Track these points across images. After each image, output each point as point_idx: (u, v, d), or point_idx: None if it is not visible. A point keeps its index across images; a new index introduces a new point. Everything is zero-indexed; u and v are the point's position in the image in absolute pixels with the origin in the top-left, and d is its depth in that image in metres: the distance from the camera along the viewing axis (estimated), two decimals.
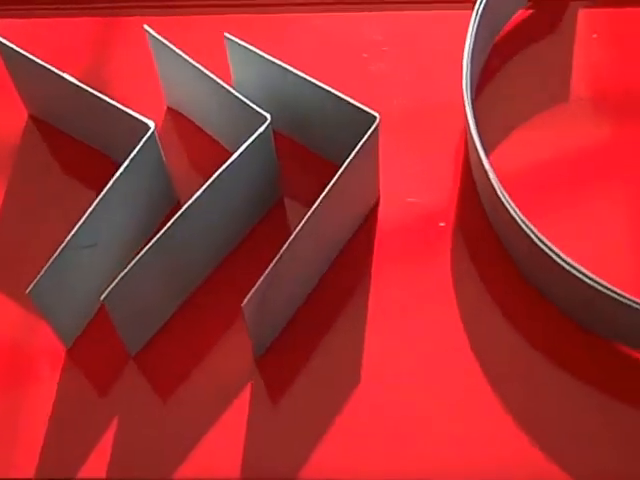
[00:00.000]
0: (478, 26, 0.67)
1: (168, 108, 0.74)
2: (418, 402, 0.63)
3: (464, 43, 0.67)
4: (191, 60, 0.64)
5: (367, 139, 0.61)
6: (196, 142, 0.72)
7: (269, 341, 0.64)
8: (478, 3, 0.68)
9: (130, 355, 0.65)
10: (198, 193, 0.60)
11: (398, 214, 0.69)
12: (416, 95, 0.74)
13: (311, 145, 0.70)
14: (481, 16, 0.67)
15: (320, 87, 0.63)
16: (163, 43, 0.65)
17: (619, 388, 0.62)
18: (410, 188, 0.70)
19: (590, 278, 0.58)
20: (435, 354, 0.64)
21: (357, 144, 0.60)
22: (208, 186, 0.61)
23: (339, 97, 0.62)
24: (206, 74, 0.64)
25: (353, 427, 0.62)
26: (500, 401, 0.62)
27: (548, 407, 0.62)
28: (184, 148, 0.73)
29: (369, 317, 0.65)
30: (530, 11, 0.76)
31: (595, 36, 0.76)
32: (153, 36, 0.65)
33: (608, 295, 0.58)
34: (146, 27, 0.65)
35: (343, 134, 0.63)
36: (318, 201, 0.59)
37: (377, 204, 0.69)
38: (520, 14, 0.76)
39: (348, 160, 0.60)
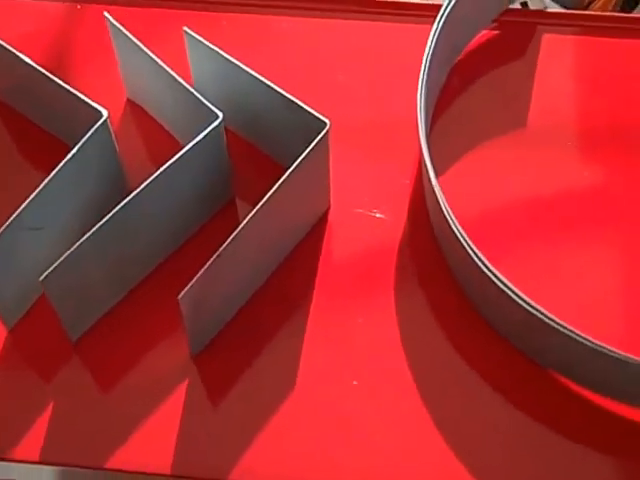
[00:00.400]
0: (436, 44, 0.67)
1: (128, 100, 0.74)
2: (351, 411, 0.63)
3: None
4: (149, 52, 0.65)
5: (316, 145, 0.61)
6: (152, 135, 0.73)
7: (207, 339, 0.65)
8: (438, 19, 0.68)
9: (71, 341, 0.65)
10: (145, 184, 0.61)
11: (348, 224, 0.70)
12: (376, 107, 0.74)
13: (265, 147, 0.71)
14: (440, 33, 0.67)
15: (273, 89, 0.63)
16: (123, 32, 0.65)
17: (553, 416, 0.62)
18: (363, 200, 0.70)
19: (528, 303, 0.59)
20: (372, 366, 0.64)
21: (306, 149, 0.61)
22: (155, 177, 0.61)
23: (291, 101, 0.63)
24: (163, 67, 0.64)
25: (286, 431, 0.62)
26: (433, 418, 0.62)
27: (481, 428, 0.62)
28: (140, 139, 0.73)
29: (309, 324, 0.66)
30: (495, 32, 0.77)
31: (560, 63, 0.76)
32: (113, 25, 0.66)
33: (545, 322, 0.58)
34: (106, 14, 0.65)
35: (294, 138, 0.64)
36: (261, 203, 0.60)
37: (328, 212, 0.70)
38: (484, 34, 0.77)
39: (295, 164, 0.60)
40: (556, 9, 1.17)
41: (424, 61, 0.66)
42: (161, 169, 0.61)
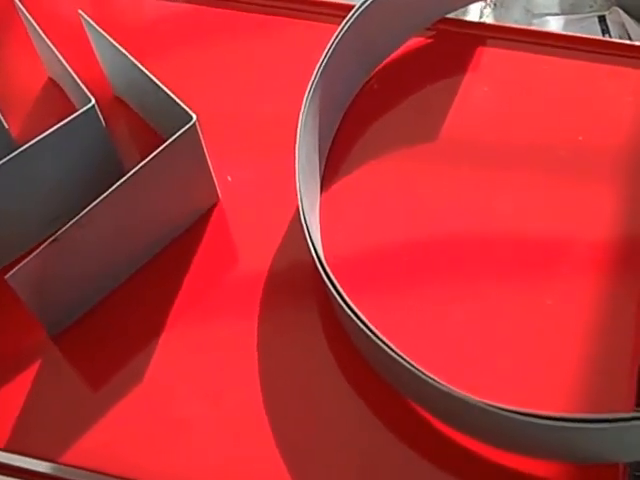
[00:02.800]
0: (341, 45, 0.65)
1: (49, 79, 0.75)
2: (192, 415, 0.61)
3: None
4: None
5: (178, 138, 0.60)
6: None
7: (66, 321, 0.64)
8: (346, 20, 0.65)
9: None
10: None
11: (233, 223, 0.68)
12: (280, 105, 0.71)
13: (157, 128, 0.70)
14: (346, 35, 0.65)
15: (147, 75, 0.62)
16: None
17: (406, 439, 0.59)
18: (252, 200, 0.68)
19: (376, 335, 0.56)
20: (223, 372, 0.62)
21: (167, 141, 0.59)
22: (18, 153, 0.60)
23: (163, 90, 0.61)
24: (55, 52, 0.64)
25: (124, 423, 0.61)
26: (278, 431, 0.60)
27: (332, 446, 0.59)
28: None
29: (170, 320, 0.64)
30: (428, 40, 0.73)
31: (490, 78, 0.72)
32: None
33: (382, 348, 0.56)
34: None
35: (171, 126, 0.62)
36: (107, 192, 0.58)
37: (215, 208, 0.68)
38: (416, 41, 0.73)
39: (151, 157, 0.59)
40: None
41: (319, 64, 0.64)
42: (26, 145, 0.60)
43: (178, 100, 0.61)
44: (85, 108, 0.61)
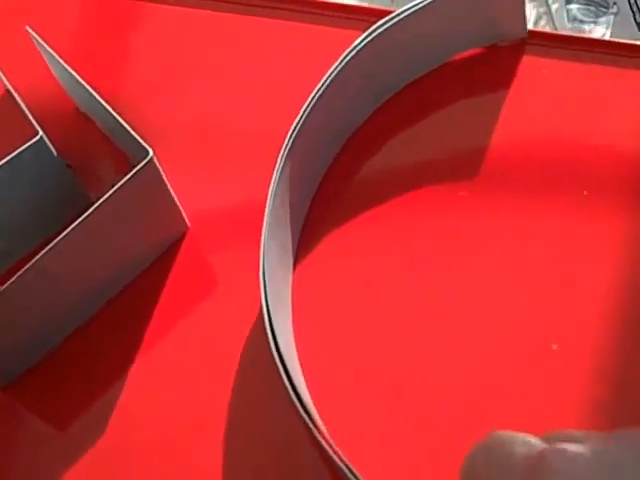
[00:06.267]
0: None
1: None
2: (158, 467, 0.55)
3: None
4: None
5: (135, 173, 0.53)
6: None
7: (16, 371, 0.58)
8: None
9: None
10: None
11: (206, 249, 0.62)
12: (260, 121, 0.65)
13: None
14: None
15: (101, 104, 0.56)
16: None
17: None
18: (227, 226, 0.63)
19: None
20: (189, 426, 0.56)
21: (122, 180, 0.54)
22: None
23: (118, 121, 0.55)
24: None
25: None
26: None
27: None
28: None
29: (136, 365, 0.58)
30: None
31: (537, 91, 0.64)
32: None
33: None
34: None
35: (132, 150, 0.57)
36: (58, 239, 0.52)
37: (184, 237, 0.62)
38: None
39: (106, 197, 0.53)
40: None
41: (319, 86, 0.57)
42: None
43: (134, 133, 0.54)
44: (32, 141, 0.55)
